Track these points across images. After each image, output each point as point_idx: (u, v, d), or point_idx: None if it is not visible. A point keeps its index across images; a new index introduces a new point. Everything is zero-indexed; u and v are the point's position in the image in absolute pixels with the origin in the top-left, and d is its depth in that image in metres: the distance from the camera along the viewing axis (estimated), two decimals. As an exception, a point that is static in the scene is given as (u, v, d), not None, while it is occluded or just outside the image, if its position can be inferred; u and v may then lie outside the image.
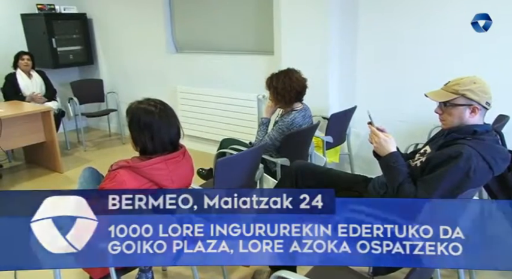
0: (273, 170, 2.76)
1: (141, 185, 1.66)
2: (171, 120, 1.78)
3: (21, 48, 4.97)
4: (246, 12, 4.12)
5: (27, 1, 5.12)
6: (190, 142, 4.79)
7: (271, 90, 2.77)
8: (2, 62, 4.61)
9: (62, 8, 5.23)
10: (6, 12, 5.02)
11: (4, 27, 5.02)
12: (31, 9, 5.11)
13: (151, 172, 1.68)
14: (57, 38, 5.14)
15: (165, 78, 4.90)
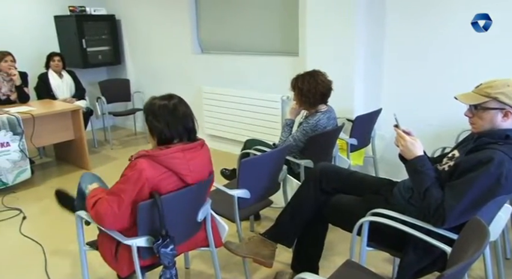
0: (297, 171, 2.76)
1: (160, 174, 1.70)
2: (186, 111, 1.83)
3: (53, 48, 5.15)
4: (271, 13, 4.14)
5: (60, 3, 5.29)
6: (214, 142, 4.85)
7: (296, 91, 2.76)
8: (36, 62, 4.78)
9: (92, 10, 5.38)
10: (40, 15, 5.21)
11: (38, 29, 5.21)
12: (63, 11, 5.28)
13: (169, 161, 1.71)
14: (87, 38, 5.29)
15: (190, 78, 4.97)
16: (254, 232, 2.91)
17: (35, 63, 4.78)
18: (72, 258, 2.61)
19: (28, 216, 3.26)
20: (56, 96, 4.66)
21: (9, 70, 4.12)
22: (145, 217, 1.72)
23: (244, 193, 2.19)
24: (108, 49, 5.58)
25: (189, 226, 1.96)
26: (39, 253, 2.71)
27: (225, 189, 2.19)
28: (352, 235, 1.83)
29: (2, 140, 3.54)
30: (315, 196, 2.09)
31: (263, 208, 2.60)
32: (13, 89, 4.21)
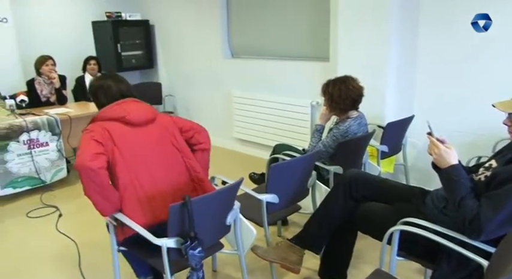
0: (326, 177, 2.74)
1: (107, 125, 1.95)
2: (119, 78, 2.17)
3: (90, 52, 5.33)
4: (302, 18, 4.14)
5: (98, 9, 5.49)
6: (243, 146, 4.89)
7: (327, 97, 2.75)
8: (74, 66, 4.96)
9: (128, 15, 5.54)
10: (79, 21, 5.43)
11: (77, 34, 5.43)
12: (101, 17, 5.48)
13: (108, 114, 2.00)
14: (121, 43, 5.45)
15: (220, 83, 5.03)
16: (281, 237, 2.91)
17: (73, 67, 4.96)
18: (104, 256, 2.68)
19: (64, 213, 3.39)
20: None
21: (50, 73, 4.31)
22: (175, 218, 1.75)
23: (272, 197, 2.19)
24: (142, 53, 5.73)
25: (217, 228, 1.98)
26: (74, 250, 2.81)
27: (253, 193, 2.21)
28: (382, 244, 1.80)
29: (41, 140, 3.70)
30: (344, 203, 2.07)
31: (291, 213, 2.59)
32: (53, 91, 4.39)
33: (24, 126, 3.59)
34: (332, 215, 2.10)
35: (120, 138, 1.95)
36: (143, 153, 2.00)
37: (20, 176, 3.62)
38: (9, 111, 3.81)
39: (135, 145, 1.99)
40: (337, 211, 2.09)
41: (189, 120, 2.33)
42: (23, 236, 3.10)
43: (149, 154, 2.01)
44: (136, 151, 1.98)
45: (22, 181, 3.63)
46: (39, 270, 2.64)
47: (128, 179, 1.93)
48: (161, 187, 1.98)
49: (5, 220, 3.39)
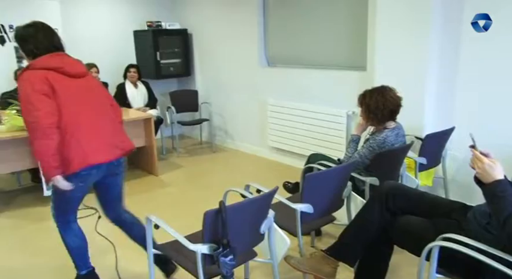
0: (361, 188, 2.69)
1: (44, 75, 2.06)
2: (52, 30, 2.25)
3: (131, 60, 5.54)
4: (339, 27, 4.12)
5: (139, 19, 5.70)
6: (277, 155, 4.89)
7: (364, 107, 2.72)
8: (116, 73, 5.16)
9: (167, 25, 5.71)
10: (122, 30, 5.65)
11: (119, 42, 5.65)
12: (142, 26, 5.68)
13: (42, 63, 2.10)
14: (161, 51, 5.62)
15: (256, 91, 5.07)
16: (315, 247, 2.88)
17: (115, 74, 5.17)
18: (141, 259, 2.74)
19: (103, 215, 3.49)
20: (131, 105, 4.98)
21: (93, 80, 4.49)
22: (209, 224, 1.77)
23: (307, 207, 2.18)
24: (180, 61, 5.87)
25: (251, 237, 1.98)
26: (111, 251, 2.89)
27: (288, 202, 2.20)
28: (420, 259, 1.75)
29: (83, 145, 3.85)
30: (380, 216, 2.03)
31: (325, 224, 2.56)
32: (95, 97, 4.57)
33: (68, 130, 3.75)
34: (368, 227, 2.06)
35: (59, 87, 2.09)
36: (80, 100, 2.18)
37: (63, 178, 3.77)
38: (55, 115, 3.99)
39: (73, 93, 2.16)
40: (373, 223, 2.04)
41: None
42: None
43: (85, 100, 2.21)
44: (74, 99, 2.15)
45: (65, 182, 3.79)
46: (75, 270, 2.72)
47: (69, 124, 2.09)
48: (98, 131, 2.21)
49: (49, 219, 3.51)
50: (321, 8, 4.24)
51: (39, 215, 3.59)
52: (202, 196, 3.92)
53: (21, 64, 4.77)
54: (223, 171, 4.75)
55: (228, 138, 5.68)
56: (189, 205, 3.70)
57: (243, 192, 2.26)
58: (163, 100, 5.74)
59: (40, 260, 2.85)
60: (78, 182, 2.15)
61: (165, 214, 2.08)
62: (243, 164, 4.97)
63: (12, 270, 2.73)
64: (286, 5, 4.60)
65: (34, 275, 2.68)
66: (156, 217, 2.00)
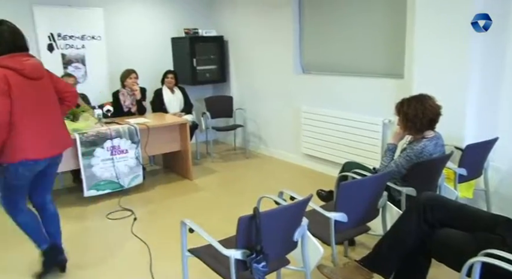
0: (397, 199, 2.63)
1: (3, 73, 2.23)
2: (16, 29, 2.36)
3: (168, 66, 5.68)
4: (376, 34, 4.06)
5: (177, 26, 5.85)
6: (311, 162, 4.86)
7: (401, 116, 2.66)
8: (153, 79, 5.32)
9: (204, 32, 5.83)
10: (160, 37, 5.82)
11: (158, 49, 5.82)
12: (179, 33, 5.82)
13: (7, 61, 2.27)
14: (197, 58, 5.73)
15: (290, 98, 5.07)
16: (348, 257, 2.83)
17: (153, 80, 5.31)
18: (174, 262, 2.78)
19: (138, 217, 3.60)
20: (168, 110, 5.10)
21: (133, 86, 4.65)
22: (243, 230, 1.79)
23: (341, 216, 2.16)
24: (215, 68, 5.97)
25: (284, 244, 1.98)
26: (146, 253, 2.97)
27: (322, 211, 2.19)
28: (460, 275, 1.68)
29: (122, 147, 3.99)
30: (418, 227, 1.98)
31: (360, 233, 2.52)
32: (134, 102, 4.73)
33: (108, 133, 3.90)
34: (404, 238, 2.02)
35: (16, 87, 2.27)
36: (32, 101, 2.37)
37: (103, 180, 3.92)
38: (97, 119, 4.16)
39: (27, 95, 2.34)
40: (410, 235, 1.99)
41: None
42: (102, 235, 3.35)
43: (37, 102, 2.40)
44: (27, 100, 2.34)
45: (104, 184, 3.93)
46: (112, 269, 2.82)
47: (18, 122, 2.29)
48: (43, 131, 2.44)
49: (88, 219, 3.68)
50: (357, 15, 4.20)
51: (79, 215, 3.73)
52: (236, 202, 3.95)
53: (67, 70, 5.01)
54: (256, 177, 4.77)
55: (261, 144, 5.70)
56: (222, 210, 3.74)
57: (277, 199, 2.27)
58: (199, 106, 5.85)
59: (79, 257, 2.96)
60: (19, 172, 2.39)
61: (198, 218, 2.12)
62: (276, 171, 4.97)
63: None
64: (322, 12, 4.59)
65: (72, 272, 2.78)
66: (191, 221, 2.04)
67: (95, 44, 5.20)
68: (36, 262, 2.70)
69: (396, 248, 2.04)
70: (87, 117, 4.03)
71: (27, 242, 2.73)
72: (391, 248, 2.06)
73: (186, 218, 2.09)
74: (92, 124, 4.01)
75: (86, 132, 3.81)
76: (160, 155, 5.06)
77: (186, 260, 2.14)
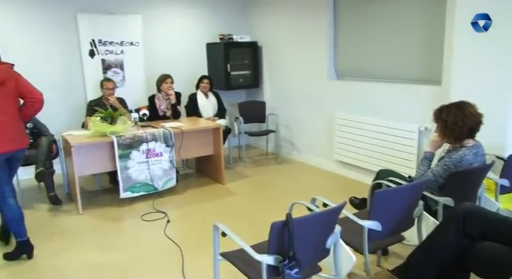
0: (434, 208, 2.56)
1: None
2: None
3: (203, 71, 5.79)
4: (413, 39, 3.98)
5: (212, 32, 5.95)
6: (344, 169, 4.80)
7: (439, 123, 2.59)
8: (188, 83, 5.43)
9: (238, 37, 5.89)
10: (195, 42, 5.94)
11: (193, 54, 5.94)
12: (214, 39, 5.92)
13: None
14: (231, 63, 5.80)
15: (323, 104, 5.04)
16: (381, 267, 2.77)
17: (187, 84, 5.42)
18: (206, 265, 2.82)
19: (171, 220, 3.67)
20: (201, 114, 5.18)
21: (168, 90, 4.77)
22: (276, 235, 1.79)
23: (375, 224, 2.12)
24: (249, 73, 6.02)
25: (316, 251, 1.97)
26: (178, 255, 3.02)
27: (355, 218, 2.16)
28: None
29: (157, 151, 4.09)
30: (456, 239, 1.91)
31: (393, 243, 2.47)
32: (169, 107, 4.84)
33: (144, 137, 4.01)
34: (441, 250, 1.96)
35: None
36: None
37: (138, 182, 4.03)
38: (134, 123, 4.29)
39: None
40: (447, 247, 1.93)
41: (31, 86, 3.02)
42: (136, 236, 3.43)
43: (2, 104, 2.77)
44: None
45: (139, 186, 4.04)
46: (145, 270, 2.88)
47: None
48: (5, 129, 2.80)
49: (123, 220, 3.79)
50: (393, 19, 4.13)
51: (115, 216, 3.84)
52: (267, 207, 3.95)
53: (106, 74, 5.20)
54: (288, 183, 4.76)
55: (293, 149, 5.69)
56: (254, 215, 3.76)
57: (309, 205, 2.26)
58: (232, 111, 5.91)
59: (114, 257, 3.05)
60: None
61: (230, 222, 2.13)
62: (308, 177, 4.94)
63: (89, 264, 2.95)
64: (357, 16, 4.55)
65: (108, 269, 2.87)
66: (223, 225, 2.06)
67: (133, 50, 5.37)
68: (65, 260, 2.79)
69: (432, 260, 1.98)
70: (124, 120, 4.16)
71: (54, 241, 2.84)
72: (427, 260, 2.00)
73: (217, 222, 2.11)
74: (129, 127, 4.13)
75: (123, 135, 3.93)
76: (193, 159, 5.14)
77: (218, 263, 2.16)
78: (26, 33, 4.82)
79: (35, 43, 4.88)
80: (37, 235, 3.44)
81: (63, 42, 5.02)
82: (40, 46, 4.91)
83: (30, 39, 4.85)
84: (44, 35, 4.91)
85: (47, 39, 4.94)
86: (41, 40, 4.90)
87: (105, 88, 4.62)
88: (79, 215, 3.83)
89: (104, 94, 4.65)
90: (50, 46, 4.97)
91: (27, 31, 4.82)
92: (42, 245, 3.23)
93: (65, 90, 5.10)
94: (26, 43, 4.83)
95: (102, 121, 4.02)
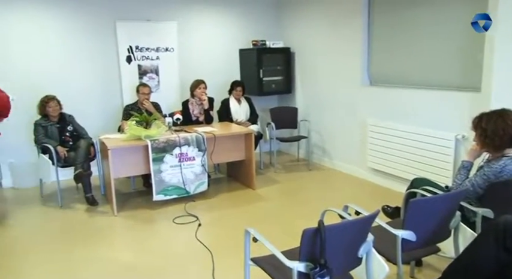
0: (472, 220, 2.46)
1: None
2: None
3: (235, 77, 5.86)
4: (450, 44, 3.86)
5: (245, 38, 6.01)
6: (376, 177, 4.72)
7: (478, 132, 2.50)
8: (221, 89, 5.50)
9: (271, 43, 5.93)
10: (228, 48, 6.02)
11: (226, 60, 6.02)
12: (247, 45, 5.98)
13: None
14: (264, 69, 5.83)
15: (356, 110, 4.97)
16: (414, 278, 2.70)
17: (220, 90, 5.50)
18: (236, 269, 2.84)
19: (203, 223, 3.71)
20: (234, 120, 5.23)
21: (201, 96, 4.85)
22: (307, 242, 1.78)
23: (409, 234, 2.07)
24: (281, 79, 6.03)
25: (348, 259, 1.94)
26: (209, 259, 3.05)
27: (389, 228, 2.11)
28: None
29: (190, 155, 4.16)
30: (496, 254, 1.83)
31: (428, 254, 2.39)
32: (202, 112, 4.92)
33: (177, 141, 4.08)
34: (479, 264, 1.88)
35: None
36: None
37: (170, 185, 4.10)
38: (168, 127, 4.38)
39: None
40: (487, 262, 1.85)
41: None
42: (167, 238, 3.49)
43: None
44: None
45: (171, 189, 4.12)
46: (176, 272, 2.92)
47: None
48: None
49: (156, 222, 3.87)
50: (429, 24, 4.03)
51: (148, 218, 3.93)
52: (298, 213, 3.93)
53: (142, 80, 5.35)
54: (319, 189, 4.72)
55: (325, 156, 5.64)
56: (285, 221, 3.74)
57: (342, 213, 2.23)
58: (264, 116, 5.93)
59: (145, 258, 3.11)
60: None
61: (260, 228, 2.13)
62: (339, 184, 4.88)
63: (121, 264, 3.03)
64: (392, 22, 4.47)
65: (139, 270, 2.93)
66: (255, 230, 2.07)
67: (168, 56, 5.51)
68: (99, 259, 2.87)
69: (469, 275, 1.91)
70: (158, 124, 4.26)
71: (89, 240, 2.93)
72: (464, 274, 1.93)
73: (248, 227, 2.12)
74: (163, 131, 4.22)
75: (157, 138, 4.02)
76: (225, 163, 5.19)
77: (249, 268, 2.17)
78: (69, 42, 5.04)
79: (77, 50, 5.10)
80: (74, 233, 3.58)
81: (103, 49, 5.22)
82: (82, 53, 5.12)
83: (72, 47, 5.07)
84: (85, 43, 5.12)
85: (88, 47, 5.15)
86: (82, 47, 5.11)
87: (141, 93, 4.75)
88: (114, 216, 3.94)
89: (139, 98, 4.78)
90: (91, 53, 5.17)
91: (69, 39, 5.04)
92: (78, 243, 3.36)
93: (102, 94, 5.29)
94: (69, 51, 5.05)
95: (138, 125, 4.13)
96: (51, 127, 4.36)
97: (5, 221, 3.95)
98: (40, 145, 4.28)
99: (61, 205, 4.25)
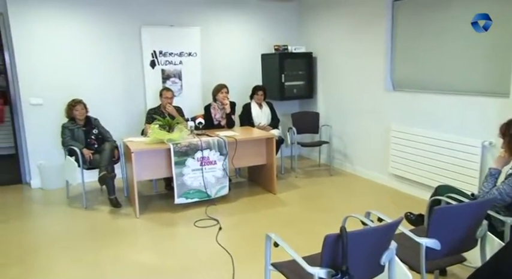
0: (500, 229, 2.40)
1: None
2: None
3: (257, 81, 5.89)
4: (476, 49, 3.77)
5: (268, 43, 6.05)
6: (398, 183, 4.64)
7: (506, 139, 2.44)
8: (242, 93, 5.54)
9: (293, 48, 5.93)
10: (250, 53, 6.06)
11: (248, 65, 6.06)
12: (269, 50, 6.00)
13: None
14: (285, 73, 5.84)
15: (379, 116, 4.91)
16: (438, 288, 2.64)
17: (242, 94, 5.53)
18: (257, 274, 2.84)
19: (223, 227, 3.73)
20: (255, 124, 5.24)
21: (224, 100, 4.88)
22: (329, 248, 1.76)
23: (434, 243, 2.03)
24: (303, 83, 6.02)
25: (370, 267, 1.92)
26: (229, 263, 3.05)
27: (412, 235, 2.07)
28: None
29: (211, 159, 4.19)
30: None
31: (453, 263, 2.34)
32: (224, 116, 4.95)
33: (199, 145, 4.12)
34: (507, 275, 1.82)
35: None
36: None
37: (192, 189, 4.14)
38: (190, 131, 4.43)
39: None
40: (514, 271, 1.80)
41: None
42: (188, 241, 3.52)
43: None
44: None
45: (193, 193, 4.16)
46: (196, 275, 2.94)
47: None
48: None
49: (177, 225, 3.91)
50: (455, 28, 3.95)
51: (169, 220, 3.98)
52: (319, 218, 3.90)
53: (165, 84, 5.43)
54: (340, 195, 4.67)
55: (346, 161, 5.58)
56: (305, 226, 3.72)
57: (364, 219, 2.21)
58: (285, 121, 5.92)
59: (166, 260, 3.15)
60: None
61: (281, 233, 2.12)
62: (361, 190, 4.83)
63: (142, 265, 3.07)
64: (416, 26, 4.40)
65: (159, 272, 2.96)
66: (276, 235, 2.07)
67: (191, 60, 5.57)
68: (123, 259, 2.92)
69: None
70: (181, 128, 4.31)
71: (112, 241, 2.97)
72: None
73: (268, 231, 2.12)
74: (185, 135, 4.27)
75: (180, 142, 4.07)
76: (246, 168, 5.20)
77: (269, 273, 2.16)
78: (95, 47, 5.18)
79: (103, 56, 5.23)
80: (97, 234, 3.65)
81: (128, 53, 5.33)
82: (107, 58, 5.25)
83: (98, 52, 5.20)
84: (111, 48, 5.25)
85: (114, 52, 5.27)
86: (108, 53, 5.24)
87: (164, 98, 4.82)
88: (136, 218, 4.00)
89: (162, 102, 4.85)
90: (116, 58, 5.29)
91: (96, 45, 5.18)
92: (101, 243, 3.42)
93: (127, 98, 5.40)
94: (95, 56, 5.19)
95: (160, 129, 4.20)
96: (77, 130, 4.47)
97: (33, 221, 4.07)
98: (66, 147, 4.40)
99: (86, 206, 4.35)
